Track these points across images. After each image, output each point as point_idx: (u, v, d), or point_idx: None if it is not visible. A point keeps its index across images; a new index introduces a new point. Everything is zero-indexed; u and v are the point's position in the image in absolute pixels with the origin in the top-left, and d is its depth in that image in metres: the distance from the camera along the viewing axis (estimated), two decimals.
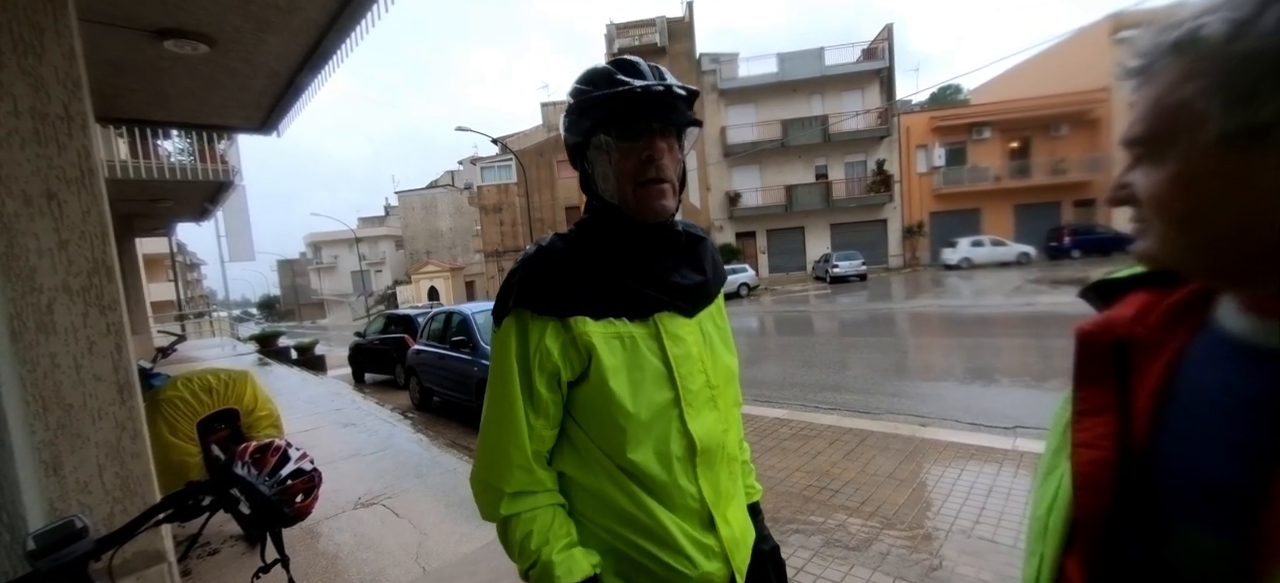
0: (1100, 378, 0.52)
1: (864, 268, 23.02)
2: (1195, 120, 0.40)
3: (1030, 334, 8.71)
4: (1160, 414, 0.47)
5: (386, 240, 55.37)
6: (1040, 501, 0.57)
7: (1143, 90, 0.45)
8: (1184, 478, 0.44)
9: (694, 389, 0.87)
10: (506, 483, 0.83)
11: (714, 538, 0.87)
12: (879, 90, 26.72)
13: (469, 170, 42.24)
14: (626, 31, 28.09)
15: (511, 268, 0.89)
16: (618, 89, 0.82)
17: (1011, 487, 3.17)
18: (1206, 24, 0.39)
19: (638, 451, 0.82)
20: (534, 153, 30.01)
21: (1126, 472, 0.47)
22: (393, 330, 10.08)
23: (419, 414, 7.18)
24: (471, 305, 7.35)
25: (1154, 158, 0.45)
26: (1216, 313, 0.48)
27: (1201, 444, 0.43)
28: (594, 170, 0.88)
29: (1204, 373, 0.46)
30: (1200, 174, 0.41)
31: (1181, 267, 0.47)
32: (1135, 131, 0.46)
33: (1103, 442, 0.49)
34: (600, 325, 0.83)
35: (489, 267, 32.54)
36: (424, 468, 4.45)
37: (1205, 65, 0.40)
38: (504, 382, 0.83)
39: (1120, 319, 0.53)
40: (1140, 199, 0.47)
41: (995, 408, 4.96)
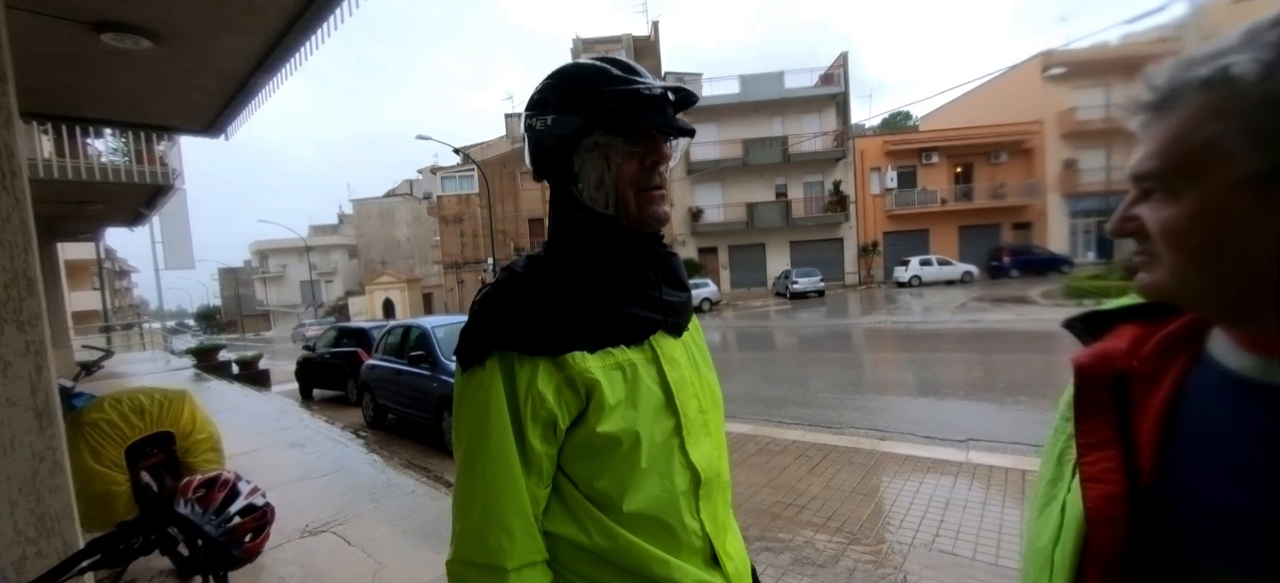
0: (1101, 410, 0.52)
1: (822, 284, 23.71)
2: (1222, 158, 0.40)
3: (976, 350, 9.14)
4: (1166, 447, 0.47)
5: (339, 249, 53.20)
6: (1040, 533, 0.57)
7: (1157, 125, 0.45)
8: (1205, 513, 0.43)
9: (691, 415, 0.79)
10: (509, 558, 0.68)
11: (718, 575, 0.79)
12: (835, 114, 27.81)
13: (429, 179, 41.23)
14: (593, 47, 28.25)
15: (478, 300, 0.75)
16: (628, 86, 0.73)
17: (967, 499, 3.28)
18: (1236, 63, 0.39)
19: (640, 494, 0.73)
20: (497, 164, 29.63)
21: (1139, 507, 0.46)
22: (345, 344, 9.64)
23: (373, 433, 6.85)
24: (431, 319, 7.12)
25: (1170, 193, 0.44)
26: (1209, 346, 0.48)
27: (1220, 479, 0.43)
28: (583, 174, 0.77)
29: (1209, 407, 0.46)
30: (1223, 212, 0.41)
31: (1191, 302, 0.47)
32: (1150, 166, 0.45)
33: (1111, 476, 0.48)
34: (598, 358, 0.73)
35: (448, 278, 31.74)
36: (379, 491, 4.24)
37: (1235, 104, 0.40)
38: (491, 438, 0.69)
39: (1116, 351, 0.53)
40: (1149, 233, 0.46)
41: (948, 421, 5.16)
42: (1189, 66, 0.43)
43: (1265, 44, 0.39)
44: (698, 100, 0.83)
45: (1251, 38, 0.40)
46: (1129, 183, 0.48)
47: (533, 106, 0.78)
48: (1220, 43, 0.42)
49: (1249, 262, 0.41)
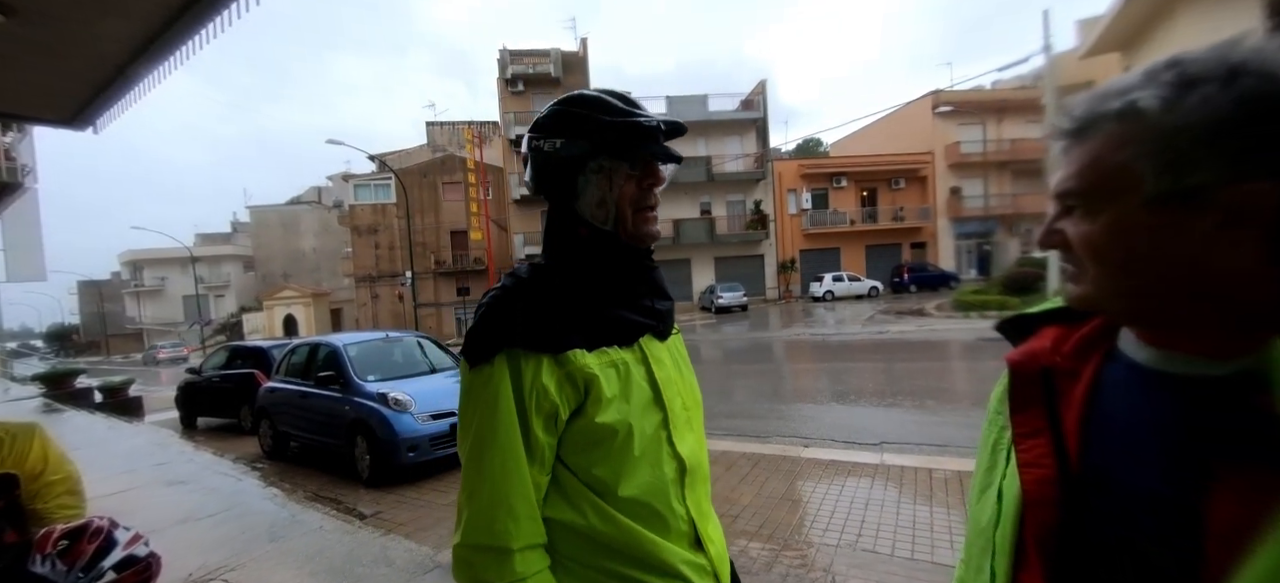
0: (1032, 403, 0.57)
1: (745, 299, 24.68)
2: (1131, 181, 0.45)
3: (882, 359, 9.88)
4: (1087, 433, 0.52)
5: (233, 261, 48.06)
6: (980, 516, 0.61)
7: (1075, 150, 0.50)
8: (1118, 491, 0.48)
9: (676, 410, 0.87)
10: (515, 539, 0.74)
11: (703, 557, 0.87)
12: (756, 137, 29.30)
13: (340, 187, 38.48)
14: (520, 59, 27.91)
15: (485, 303, 0.82)
16: (631, 118, 0.83)
17: (883, 499, 3.50)
18: (1142, 97, 0.44)
19: (631, 482, 0.80)
20: (417, 173, 28.24)
21: (1067, 488, 0.51)
22: (238, 365, 8.68)
23: (271, 464, 6.19)
24: (342, 336, 6.59)
25: (1088, 210, 0.49)
26: (1119, 343, 0.54)
27: (1129, 459, 0.48)
28: (586, 193, 0.85)
29: (1120, 396, 0.51)
30: (1134, 228, 0.46)
31: (1110, 307, 0.51)
32: (1069, 186, 0.50)
33: (1044, 461, 0.53)
34: (596, 356, 0.81)
35: (360, 293, 29.60)
36: (280, 529, 3.82)
37: (1141, 133, 0.45)
38: (500, 429, 0.76)
39: (1042, 350, 0.58)
40: (1072, 245, 0.51)
41: (862, 426, 5.51)
42: (1103, 99, 0.48)
43: (1162, 82, 0.44)
44: (686, 131, 0.92)
45: (1151, 76, 0.45)
46: (1053, 200, 0.53)
47: (540, 130, 0.86)
48: (1127, 79, 0.47)
49: (1157, 270, 0.46)
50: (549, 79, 27.65)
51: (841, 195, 29.85)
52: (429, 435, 4.98)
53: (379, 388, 5.25)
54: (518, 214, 27.77)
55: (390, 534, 3.66)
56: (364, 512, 4.26)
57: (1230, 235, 0.43)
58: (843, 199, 29.83)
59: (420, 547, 3.42)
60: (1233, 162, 0.42)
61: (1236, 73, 0.42)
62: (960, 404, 6.33)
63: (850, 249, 29.65)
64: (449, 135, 30.78)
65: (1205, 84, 0.42)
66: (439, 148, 30.09)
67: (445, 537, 3.60)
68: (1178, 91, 0.43)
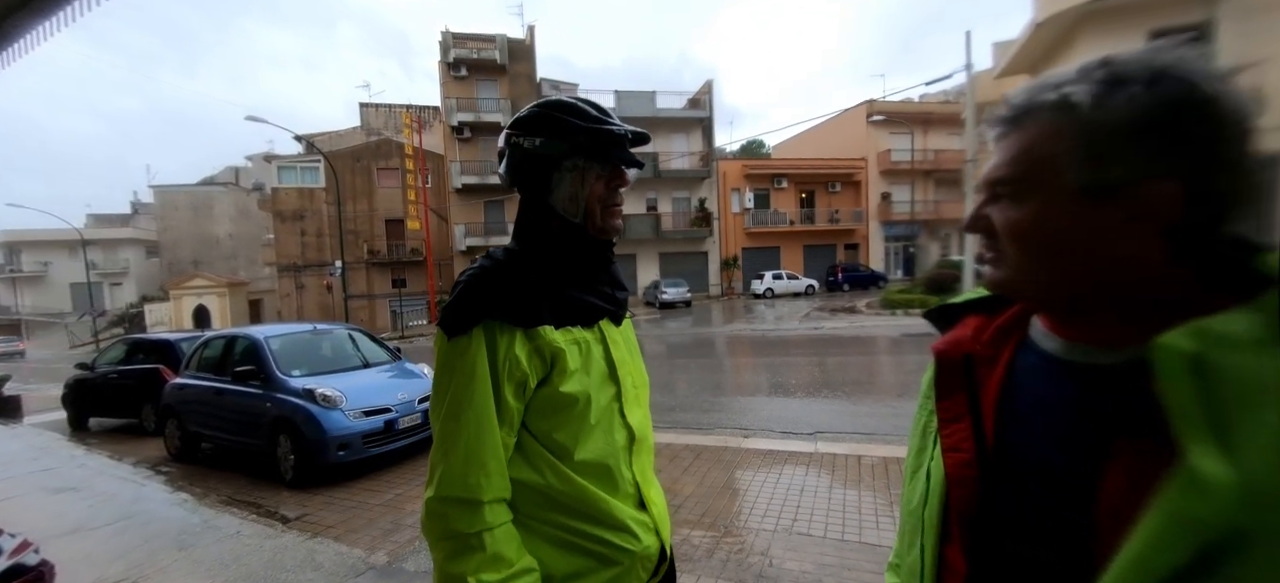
0: (955, 390, 0.60)
1: (689, 295, 25.09)
2: (1058, 171, 0.47)
3: (817, 353, 10.36)
4: (1001, 418, 0.56)
5: (133, 245, 43.42)
6: (911, 497, 0.65)
7: (1009, 139, 0.52)
8: (1026, 470, 0.52)
9: (628, 387, 1.00)
10: (486, 492, 0.83)
11: (647, 515, 0.98)
12: (701, 136, 29.78)
13: (261, 168, 35.68)
14: (464, 43, 26.89)
15: (462, 282, 0.90)
16: (603, 125, 0.95)
17: (817, 485, 3.68)
18: (1075, 92, 0.46)
19: (588, 446, 0.91)
20: (349, 157, 26.65)
21: (986, 468, 0.55)
22: (139, 360, 7.88)
23: (179, 467, 5.68)
24: (263, 328, 6.13)
25: (1016, 198, 0.51)
26: (1031, 332, 0.57)
27: (1036, 442, 0.52)
28: (559, 189, 0.95)
29: (1030, 382, 0.55)
30: (1055, 217, 0.48)
31: (1025, 292, 0.54)
32: (1000, 173, 0.52)
33: (965, 443, 0.57)
34: (562, 333, 0.91)
35: (283, 283, 27.59)
36: (190, 536, 3.52)
37: (1071, 126, 0.47)
38: (476, 393, 0.84)
39: (964, 338, 0.62)
40: (996, 231, 0.53)
41: (798, 417, 5.76)
42: (1041, 90, 0.49)
43: (1094, 79, 0.46)
44: (649, 140, 1.04)
45: (1084, 73, 0.47)
46: (983, 186, 0.55)
47: (520, 127, 0.96)
48: (1063, 73, 0.49)
49: (1074, 259, 0.49)
50: (494, 66, 26.85)
51: (782, 196, 30.94)
52: (362, 433, 4.74)
53: (305, 384, 4.93)
54: (459, 204, 26.82)
55: (317, 537, 3.46)
56: (288, 515, 4.00)
57: (1137, 230, 0.45)
58: (783, 200, 30.93)
59: (352, 549, 3.25)
60: (1148, 160, 0.44)
61: (1160, 76, 0.44)
62: (886, 396, 6.74)
63: (789, 248, 30.81)
64: (385, 118, 29.26)
65: (1132, 84, 0.45)
66: (374, 131, 28.53)
67: (380, 538, 3.44)
68: (1107, 89, 0.45)
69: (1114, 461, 0.46)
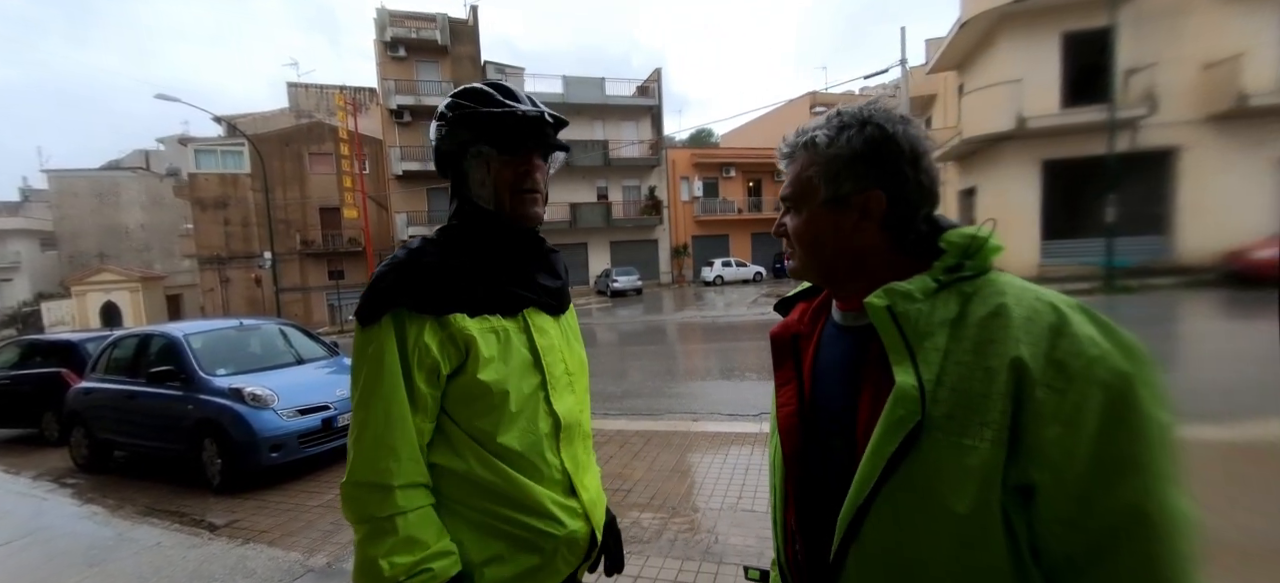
0: (785, 362, 0.80)
1: (640, 283, 25.23)
2: (814, 190, 0.69)
3: (764, 338, 10.61)
4: (814, 377, 0.75)
5: (25, 237, 38.97)
6: (771, 450, 0.83)
7: (789, 168, 0.73)
8: (827, 411, 0.72)
9: (557, 375, 1.00)
10: (396, 476, 0.84)
11: (576, 501, 1.00)
12: (651, 124, 29.83)
13: (176, 152, 32.83)
14: (401, 22, 25.64)
15: (378, 271, 0.91)
16: (505, 109, 0.94)
17: (761, 463, 3.83)
18: (818, 135, 0.69)
19: (509, 433, 0.92)
20: (277, 140, 24.92)
21: (804, 416, 0.74)
22: (37, 364, 7.15)
23: (87, 478, 5.22)
24: (183, 325, 5.69)
25: (795, 210, 0.73)
26: (831, 310, 0.78)
27: (829, 390, 0.72)
28: (470, 177, 0.97)
29: (827, 347, 0.76)
30: (816, 221, 0.70)
31: (810, 277, 0.76)
32: (785, 193, 0.74)
33: (791, 402, 0.76)
34: (476, 321, 0.92)
35: (206, 276, 25.58)
36: (102, 551, 3.26)
37: (816, 158, 0.69)
38: (384, 380, 0.86)
39: (791, 322, 0.83)
40: (789, 234, 0.74)
41: (746, 399, 5.95)
42: (800, 134, 0.72)
43: (830, 125, 0.69)
44: (567, 124, 1.03)
45: (827, 121, 0.69)
46: (780, 201, 0.76)
47: (437, 117, 0.99)
48: (815, 122, 0.71)
49: (829, 250, 0.70)
50: (435, 46, 25.78)
51: (730, 185, 31.52)
52: (297, 432, 4.50)
53: (232, 383, 4.62)
54: (400, 191, 25.73)
55: (249, 543, 3.29)
56: (215, 522, 3.76)
57: (866, 226, 0.67)
58: (731, 189, 31.52)
59: (288, 554, 3.11)
60: (863, 177, 0.66)
61: (866, 122, 0.66)
62: None
63: (738, 236, 31.50)
64: (317, 100, 27.54)
65: (850, 128, 0.67)
66: (304, 113, 26.79)
67: (319, 540, 3.30)
68: (836, 132, 0.68)
69: (863, 392, 0.66)
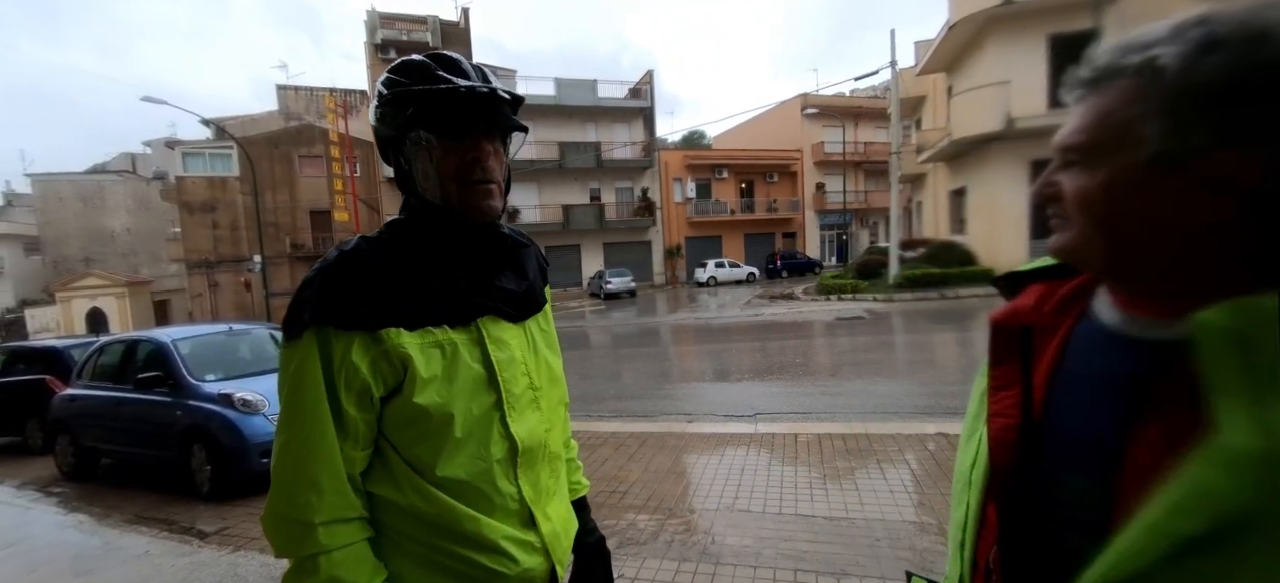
0: (1009, 357, 0.60)
1: (633, 285, 25.23)
2: (1135, 139, 0.45)
3: (757, 338, 10.73)
4: (1052, 386, 0.56)
5: (8, 242, 38.33)
6: (964, 459, 0.66)
7: (1088, 101, 0.50)
8: (1069, 437, 0.53)
9: (517, 392, 0.87)
10: (316, 513, 0.74)
11: (534, 534, 0.88)
12: (643, 126, 29.87)
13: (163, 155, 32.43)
14: (393, 23, 25.52)
15: (307, 276, 0.79)
16: (441, 85, 0.79)
17: (757, 464, 3.83)
18: (1163, 54, 0.44)
19: (452, 463, 0.80)
20: (266, 143, 24.68)
21: (1028, 433, 0.56)
22: (21, 370, 7.03)
23: (74, 486, 5.13)
24: (170, 330, 5.62)
25: (1087, 165, 0.49)
26: (1094, 304, 0.56)
27: (1078, 410, 0.53)
28: (413, 167, 0.84)
29: (1083, 353, 0.55)
30: (1126, 185, 0.46)
31: (1089, 263, 0.53)
32: (1075, 140, 0.50)
33: (1011, 410, 0.58)
34: (416, 336, 0.79)
35: (193, 281, 25.28)
36: (90, 561, 3.20)
37: (1154, 91, 0.44)
38: (304, 404, 0.75)
39: (1023, 307, 0.61)
40: (1064, 198, 0.52)
41: (740, 400, 5.96)
42: (1125, 51, 0.47)
43: (1188, 39, 0.43)
44: (524, 101, 0.89)
45: (1177, 33, 0.44)
46: (1055, 151, 0.53)
47: (378, 99, 0.84)
48: (1152, 32, 0.46)
49: (1138, 229, 0.47)
50: (426, 49, 25.59)
51: (723, 186, 31.62)
52: None
53: (221, 388, 4.57)
54: (391, 194, 25.55)
55: (240, 550, 3.24)
56: (205, 529, 3.71)
57: (1207, 201, 0.44)
58: (724, 190, 31.62)
59: (280, 561, 3.06)
60: (1229, 126, 0.42)
61: (1260, 38, 0.41)
62: (821, 376, 7.09)
63: (730, 238, 31.59)
64: (306, 102, 27.33)
65: (1227, 45, 0.42)
66: (294, 116, 26.57)
67: None
68: (1200, 52, 0.43)
69: (1144, 432, 0.46)
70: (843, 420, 4.79)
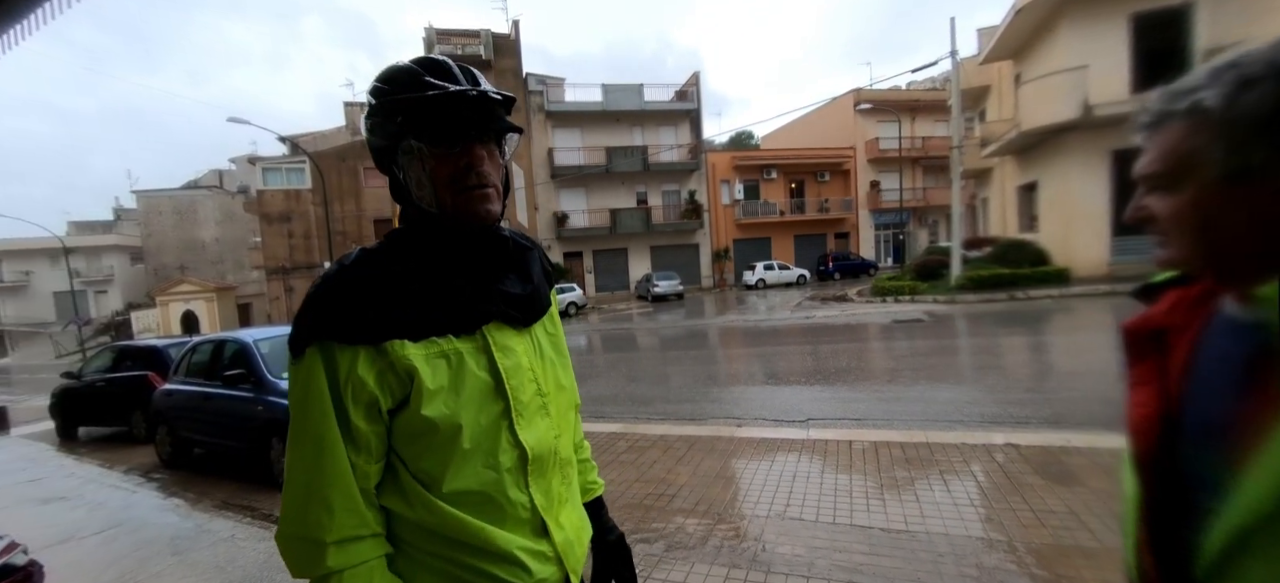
0: (1144, 358, 0.69)
1: (681, 288, 25.14)
2: (1202, 163, 0.56)
3: (808, 342, 10.43)
4: (1186, 377, 0.64)
5: (117, 252, 42.78)
6: (1127, 486, 0.71)
7: (1154, 139, 0.61)
8: (1200, 418, 0.60)
9: (525, 399, 0.86)
10: (328, 532, 0.73)
11: (547, 543, 0.87)
12: (690, 128, 29.75)
13: (245, 170, 35.25)
14: (448, 38, 26.63)
15: (309, 291, 0.78)
16: (427, 92, 0.78)
17: (809, 471, 3.73)
18: (1206, 97, 0.55)
19: (460, 475, 0.79)
20: (334, 157, 26.35)
21: (1167, 422, 0.64)
22: (128, 367, 7.80)
23: (171, 473, 5.65)
24: (251, 331, 6.08)
25: (1169, 189, 0.60)
26: (1220, 301, 0.64)
27: (1209, 394, 0.60)
28: (406, 176, 0.82)
29: (1210, 345, 0.63)
30: (1207, 200, 0.57)
31: (1193, 269, 0.63)
32: (1151, 169, 0.61)
33: (1149, 404, 0.66)
34: (421, 347, 0.78)
35: (272, 285, 27.31)
36: (184, 541, 3.51)
37: (1206, 127, 0.55)
38: (313, 421, 0.75)
39: (1156, 314, 0.71)
40: (1159, 219, 0.62)
41: (791, 405, 5.81)
42: (1172, 98, 0.58)
43: (1225, 81, 0.54)
44: (515, 101, 0.87)
45: (1215, 76, 0.55)
46: (1139, 180, 0.64)
47: (367, 110, 0.83)
48: (1193, 79, 0.57)
49: (1227, 234, 0.57)
50: (479, 61, 26.59)
51: (771, 187, 31.01)
52: None
53: None
54: None
55: None
56: None
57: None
58: (773, 190, 31.00)
59: None
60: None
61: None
62: (877, 382, 6.82)
63: (780, 239, 30.92)
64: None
65: (1261, 83, 0.53)
66: (359, 130, 28.15)
67: None
68: (1238, 90, 0.53)
69: (1257, 402, 0.54)
70: (901, 428, 4.59)
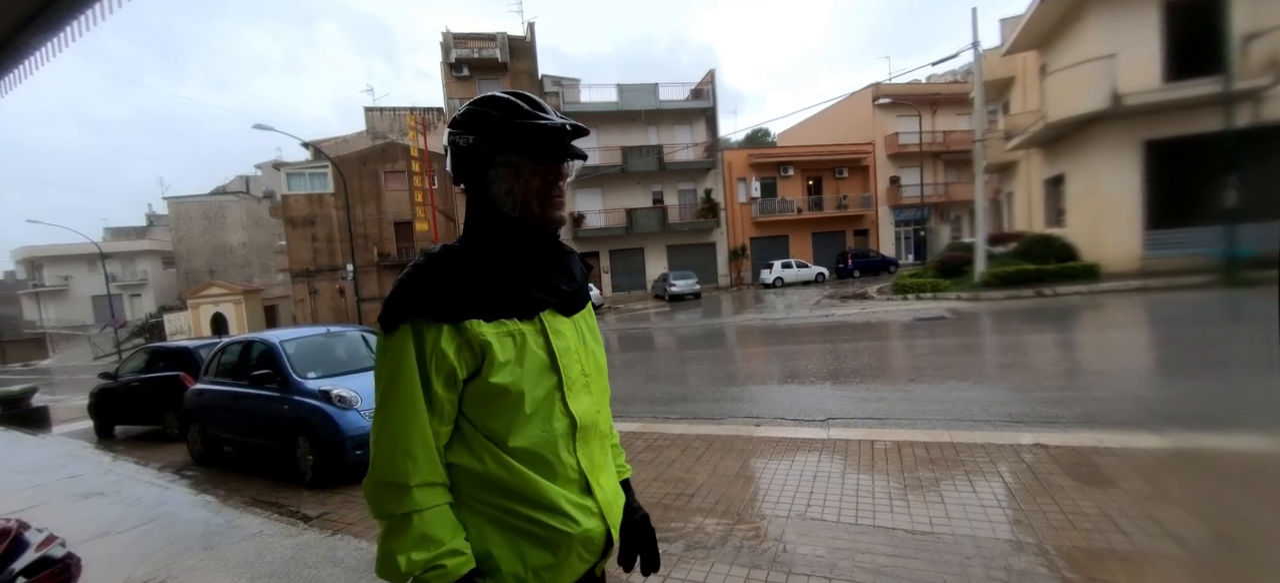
0: None
1: (698, 287, 25.04)
2: None
3: (828, 340, 10.30)
4: None
5: (150, 256, 44.23)
6: None
7: None
8: None
9: (573, 376, 1.02)
10: (413, 477, 0.88)
11: (592, 500, 1.02)
12: (705, 127, 29.61)
13: (270, 176, 36.10)
14: (465, 43, 26.93)
15: (400, 277, 0.93)
16: (535, 120, 0.96)
17: (830, 470, 3.68)
18: None
19: (523, 433, 0.94)
20: (356, 161, 26.88)
21: None
22: (161, 368, 8.05)
23: (202, 470, 5.81)
24: (278, 332, 6.22)
25: None
26: None
27: None
28: (496, 184, 0.99)
29: None
30: None
31: None
32: None
33: None
34: (493, 326, 0.93)
35: (297, 288, 27.96)
36: (215, 536, 3.60)
37: None
38: (402, 386, 0.90)
39: None
40: None
41: (811, 404, 5.74)
42: None
43: None
44: (588, 133, 1.04)
45: None
46: None
47: (458, 124, 0.99)
48: None
49: None
50: (495, 64, 26.87)
51: (789, 184, 30.70)
52: None
53: (320, 385, 5.01)
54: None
55: (338, 534, 3.53)
56: (309, 514, 4.07)
57: None
58: (790, 188, 30.70)
59: (371, 545, 3.31)
60: None
61: None
62: (899, 380, 6.70)
63: (798, 236, 30.61)
64: (390, 121, 29.40)
65: None
66: (379, 135, 28.67)
67: None
68: None
69: None
70: (925, 428, 4.50)
